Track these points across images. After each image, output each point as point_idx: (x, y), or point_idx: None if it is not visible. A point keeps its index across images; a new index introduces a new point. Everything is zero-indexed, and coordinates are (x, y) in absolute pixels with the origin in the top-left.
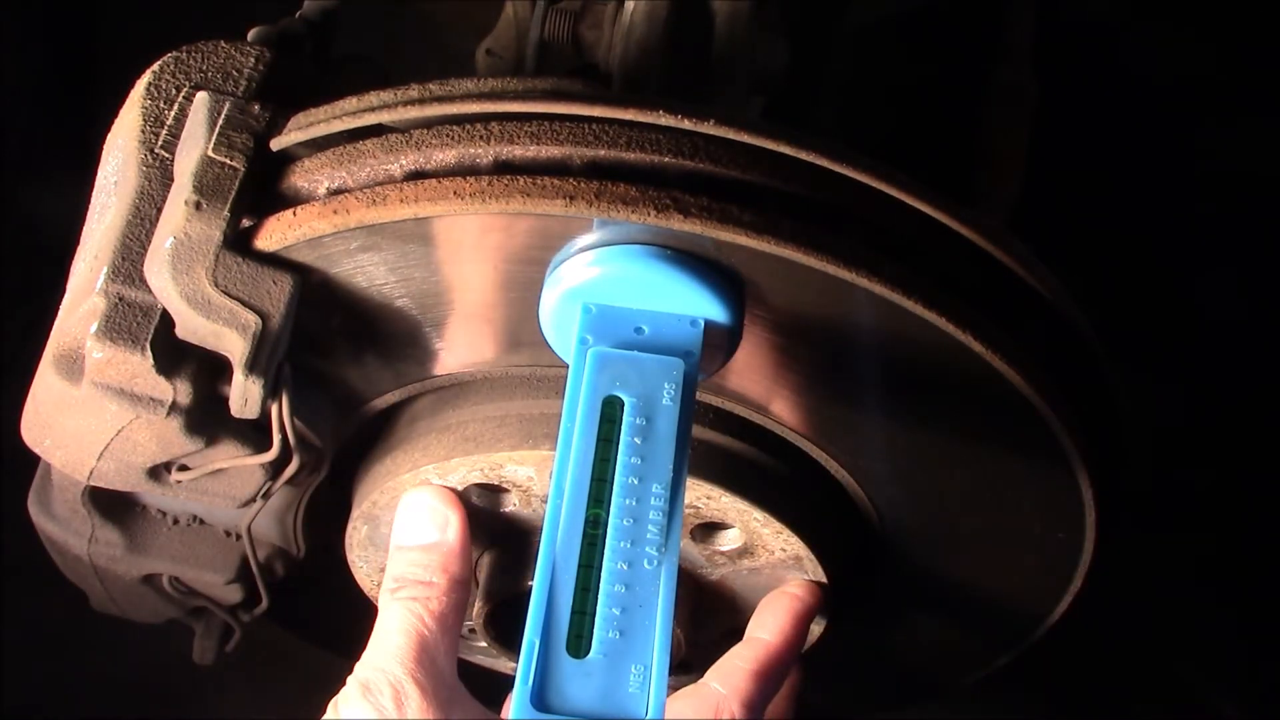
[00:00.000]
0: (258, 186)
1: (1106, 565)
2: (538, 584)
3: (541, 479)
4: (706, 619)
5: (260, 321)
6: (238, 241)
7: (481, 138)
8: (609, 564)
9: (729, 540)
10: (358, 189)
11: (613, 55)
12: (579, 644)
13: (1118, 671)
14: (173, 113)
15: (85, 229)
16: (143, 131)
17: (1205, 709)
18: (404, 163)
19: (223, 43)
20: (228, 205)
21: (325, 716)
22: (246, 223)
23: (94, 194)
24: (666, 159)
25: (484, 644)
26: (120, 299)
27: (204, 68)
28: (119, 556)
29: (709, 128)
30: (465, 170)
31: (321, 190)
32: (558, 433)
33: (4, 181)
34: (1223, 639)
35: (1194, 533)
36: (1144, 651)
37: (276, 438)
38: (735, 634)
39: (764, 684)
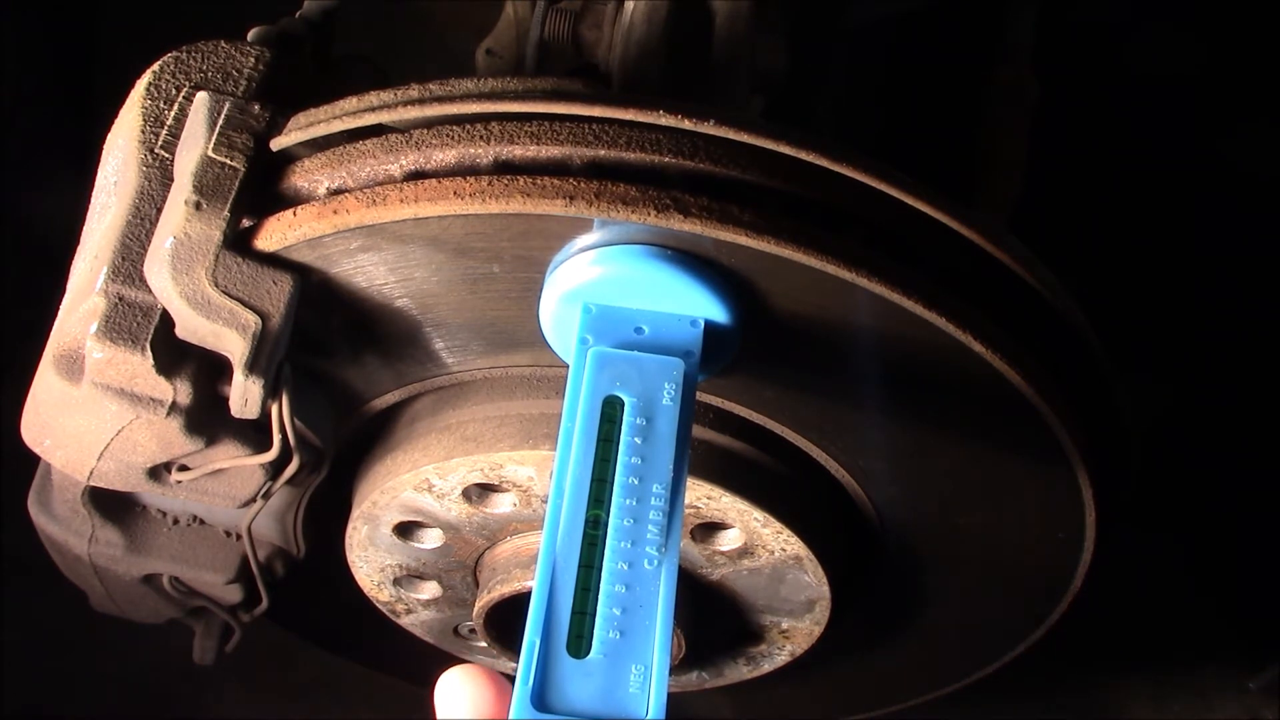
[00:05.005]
0: (258, 186)
1: (1105, 565)
2: (538, 584)
3: (541, 479)
4: (706, 619)
5: (260, 321)
6: (238, 241)
7: (481, 138)
8: (609, 564)
9: (729, 540)
10: (358, 189)
11: (613, 55)
12: (579, 644)
13: (1116, 671)
14: (173, 113)
15: (85, 229)
16: (143, 131)
17: (1204, 709)
18: (404, 163)
19: (223, 43)
20: (228, 205)
21: None
22: (246, 223)
23: (94, 194)
24: (666, 159)
25: (484, 644)
26: (120, 299)
27: (204, 68)
28: (119, 556)
29: (709, 128)
30: (465, 170)
31: (321, 190)
32: (558, 433)
33: (4, 181)
34: (1222, 637)
35: (1192, 532)
36: (1141, 651)
37: (276, 438)
38: (736, 634)
39: None
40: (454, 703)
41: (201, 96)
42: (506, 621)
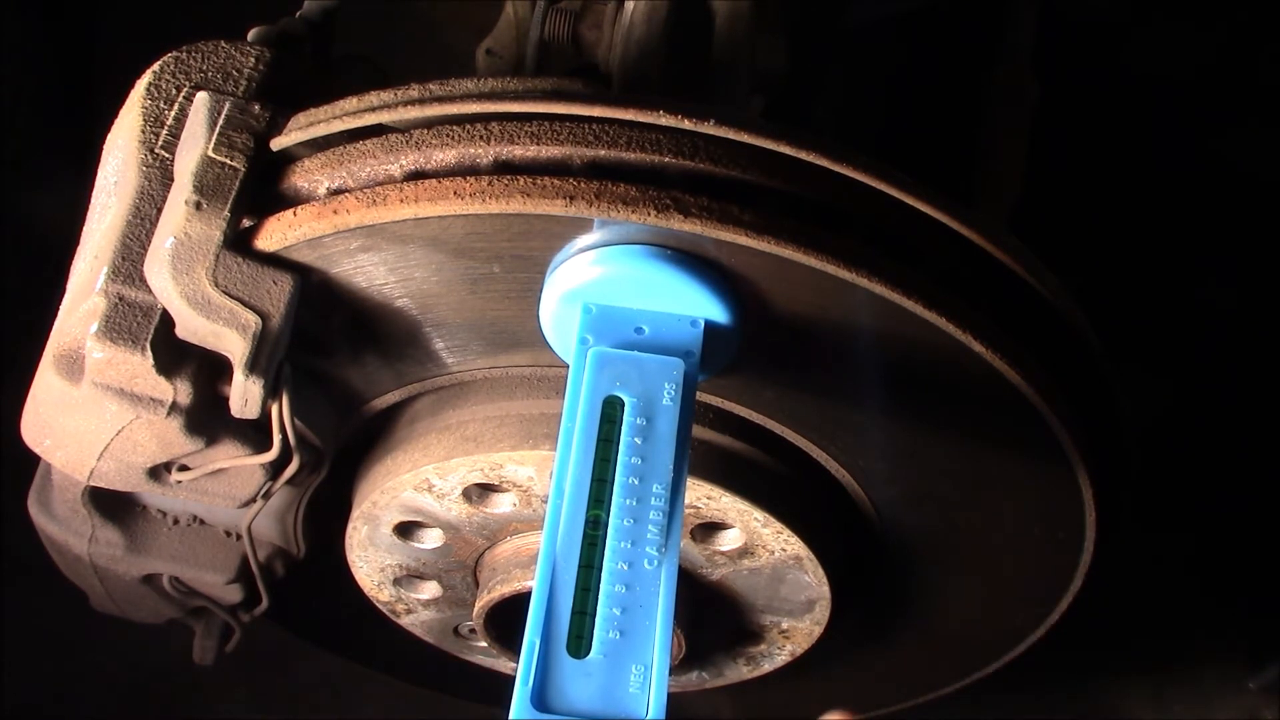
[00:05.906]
0: (258, 186)
1: (1105, 565)
2: (538, 584)
3: (541, 479)
4: (706, 619)
5: (260, 321)
6: (238, 241)
7: (481, 138)
8: (609, 564)
9: (729, 540)
10: (358, 189)
11: (613, 55)
12: (579, 644)
13: (1116, 671)
14: (173, 113)
15: (85, 229)
16: (143, 131)
17: (1204, 709)
18: (404, 163)
19: (223, 43)
20: (228, 205)
21: None
22: (247, 223)
23: (94, 194)
24: (666, 159)
25: (484, 644)
26: (120, 299)
27: (204, 68)
28: (119, 556)
29: (709, 128)
30: (465, 170)
31: (321, 190)
32: (558, 433)
33: (4, 181)
34: (1222, 637)
35: (1193, 531)
36: (1141, 651)
37: (276, 438)
38: (736, 634)
39: None
40: None
41: (201, 96)
42: (506, 621)
